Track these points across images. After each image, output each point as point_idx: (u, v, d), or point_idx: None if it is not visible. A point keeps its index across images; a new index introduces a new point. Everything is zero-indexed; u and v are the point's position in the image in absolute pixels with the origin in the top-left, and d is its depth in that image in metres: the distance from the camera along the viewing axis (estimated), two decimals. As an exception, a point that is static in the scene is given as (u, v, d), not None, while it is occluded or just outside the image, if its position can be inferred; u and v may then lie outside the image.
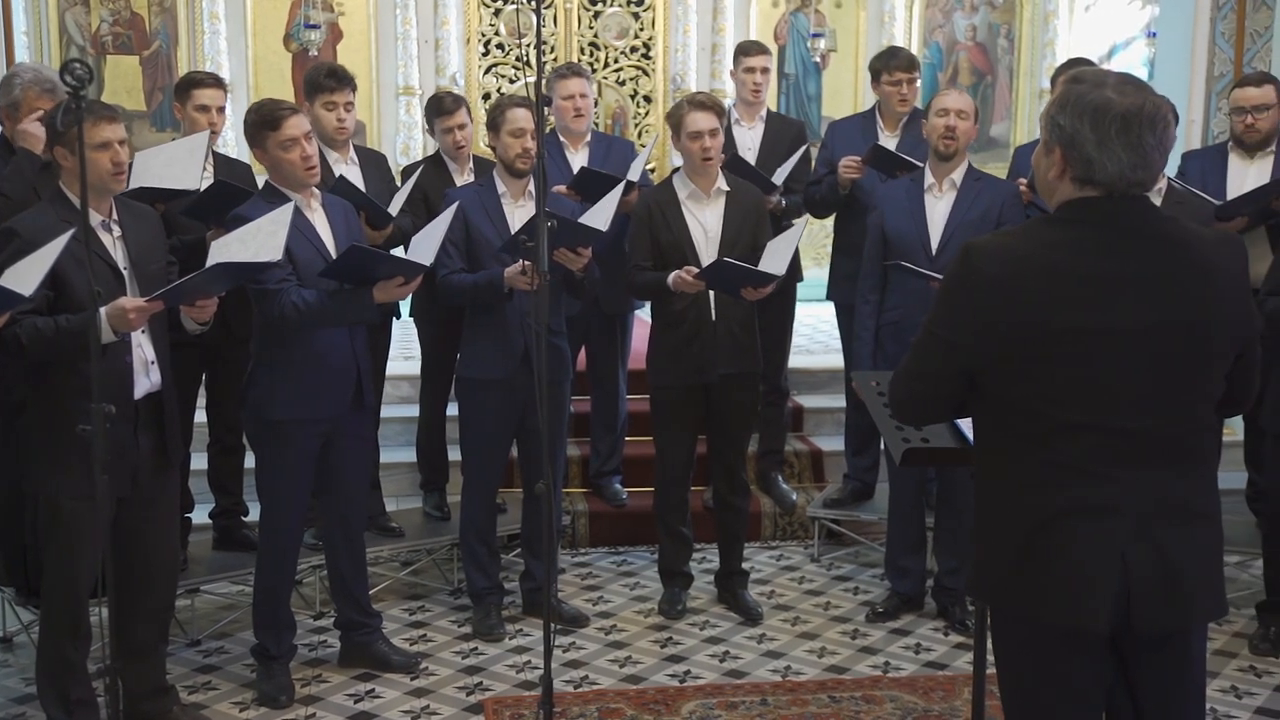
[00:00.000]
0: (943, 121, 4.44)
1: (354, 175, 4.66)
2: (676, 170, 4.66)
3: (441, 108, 5.06)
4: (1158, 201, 4.51)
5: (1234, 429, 5.46)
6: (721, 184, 4.56)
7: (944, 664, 4.35)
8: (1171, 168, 4.93)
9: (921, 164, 4.79)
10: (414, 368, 5.64)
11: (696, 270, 4.36)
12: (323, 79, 4.62)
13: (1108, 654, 2.23)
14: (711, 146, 4.44)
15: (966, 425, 2.60)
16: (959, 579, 4.58)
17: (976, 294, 2.17)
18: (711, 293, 4.48)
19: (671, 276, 4.42)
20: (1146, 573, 2.14)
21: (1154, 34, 8.17)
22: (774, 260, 4.36)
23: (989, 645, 2.46)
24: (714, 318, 4.52)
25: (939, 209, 4.50)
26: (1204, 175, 4.90)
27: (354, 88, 4.71)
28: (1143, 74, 8.76)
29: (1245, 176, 4.82)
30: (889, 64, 5.24)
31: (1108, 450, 2.15)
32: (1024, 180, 4.65)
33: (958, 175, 4.51)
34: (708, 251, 4.47)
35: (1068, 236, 2.17)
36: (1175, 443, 2.18)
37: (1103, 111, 2.12)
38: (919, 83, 5.30)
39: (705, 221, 4.53)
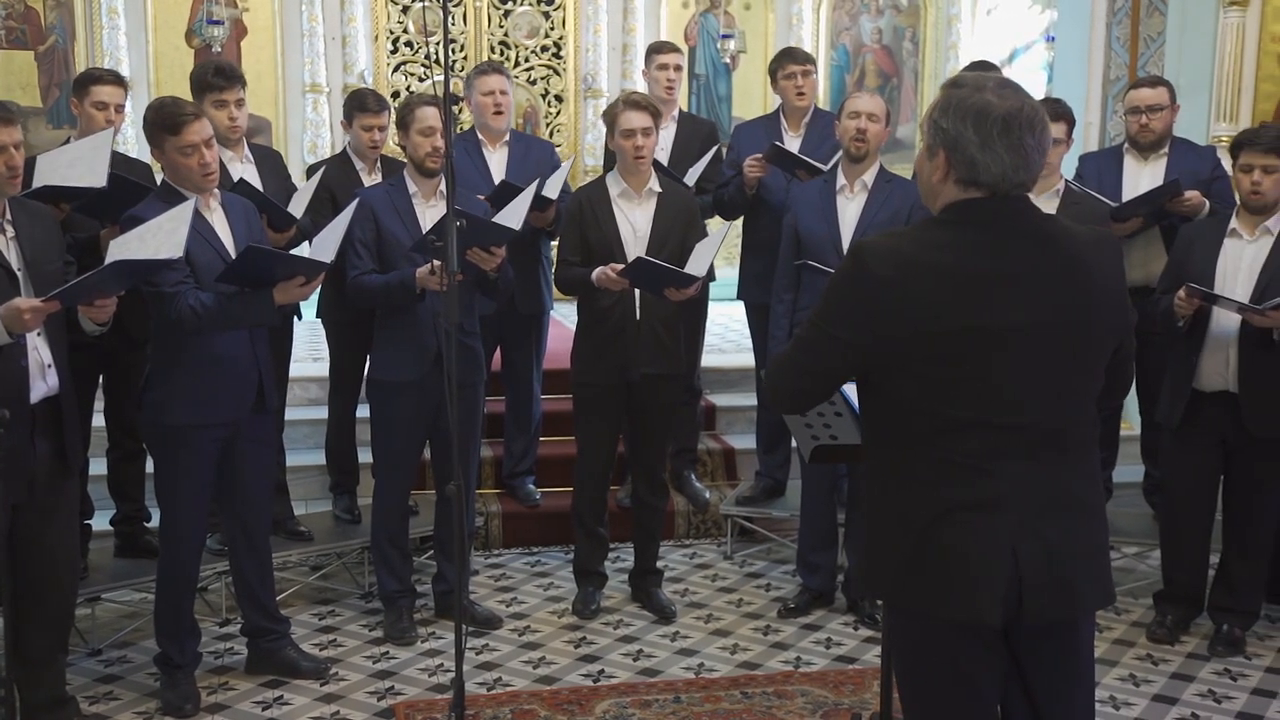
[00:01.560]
0: (854, 124, 4.50)
1: (250, 174, 4.57)
2: (611, 169, 4.67)
3: (365, 105, 5.00)
4: (1056, 202, 4.63)
5: (1132, 424, 5.62)
6: (654, 185, 4.57)
7: (854, 658, 4.41)
8: (1069, 169, 5.05)
9: (822, 164, 4.86)
10: (322, 369, 5.56)
11: (620, 267, 4.37)
12: (210, 78, 4.51)
13: (1001, 646, 2.27)
14: (644, 146, 4.46)
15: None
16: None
17: (870, 294, 2.19)
18: (637, 292, 4.49)
19: (596, 272, 4.42)
20: (1036, 565, 2.19)
21: (1053, 38, 8.38)
22: (696, 262, 4.39)
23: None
24: (638, 317, 4.53)
25: (850, 210, 4.55)
26: (1100, 176, 5.02)
27: (244, 84, 4.60)
28: (1042, 77, 8.99)
29: (1140, 177, 4.96)
30: (783, 61, 5.33)
31: (996, 446, 2.19)
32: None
33: (869, 177, 4.57)
34: (636, 250, 4.48)
35: (955, 237, 2.21)
36: (1060, 437, 2.24)
37: (984, 114, 2.17)
38: (815, 77, 5.37)
39: (635, 221, 4.55)
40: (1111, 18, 6.29)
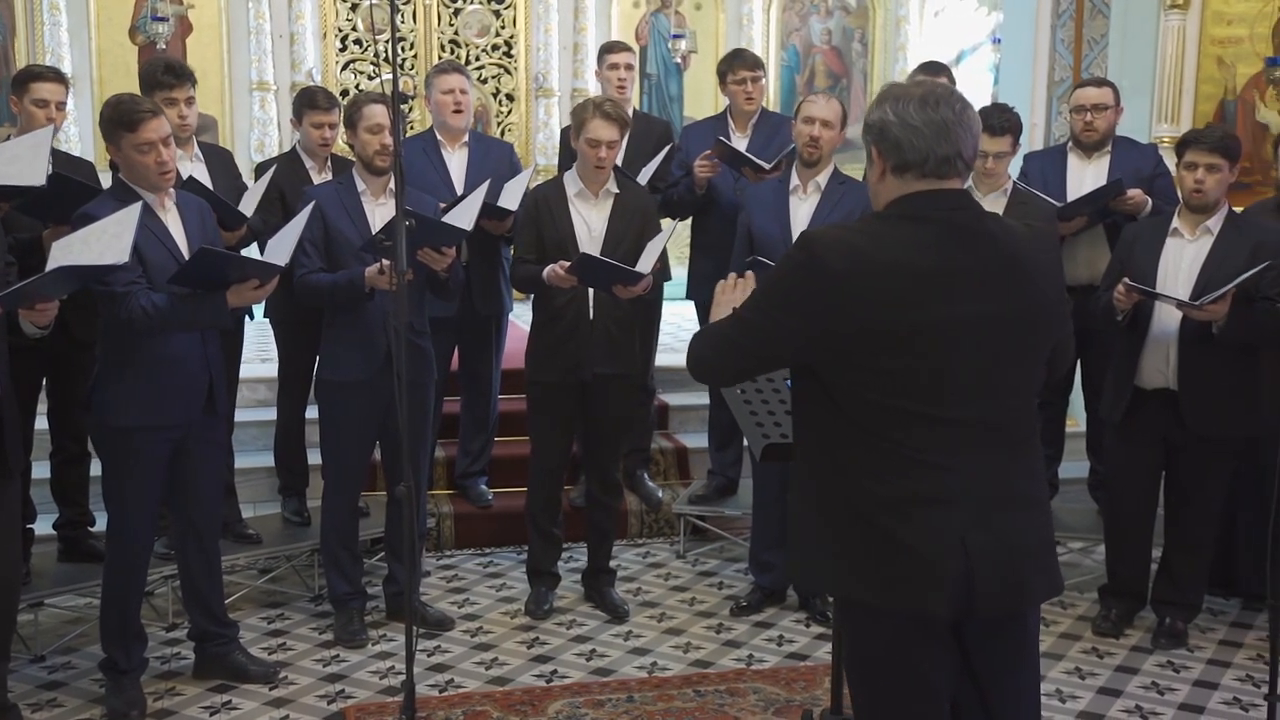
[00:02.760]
0: (808, 130, 4.54)
1: (200, 173, 4.53)
2: (564, 161, 4.66)
3: (315, 103, 4.97)
4: (1004, 201, 4.69)
5: (1077, 420, 5.70)
6: (611, 186, 4.57)
7: (805, 655, 4.43)
8: (1014, 168, 5.12)
9: (767, 163, 4.89)
10: (271, 370, 5.51)
11: (568, 264, 4.37)
12: (160, 76, 4.46)
13: (951, 640, 2.29)
14: (606, 157, 4.47)
15: None
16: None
17: (823, 287, 2.19)
18: (591, 291, 4.49)
19: (546, 270, 4.42)
20: (987, 558, 2.20)
21: (999, 40, 8.47)
22: (643, 261, 4.40)
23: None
24: (592, 316, 4.53)
25: (803, 210, 4.58)
26: (1044, 175, 5.09)
27: (193, 82, 4.56)
28: (989, 79, 9.09)
29: (1084, 176, 5.03)
30: (733, 64, 5.36)
31: (946, 440, 2.21)
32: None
33: (822, 178, 4.60)
34: (590, 250, 4.48)
35: (904, 232, 2.23)
36: (1008, 430, 2.27)
37: (901, 97, 2.27)
38: (764, 81, 5.40)
39: (590, 220, 4.54)
40: (1056, 20, 6.38)
